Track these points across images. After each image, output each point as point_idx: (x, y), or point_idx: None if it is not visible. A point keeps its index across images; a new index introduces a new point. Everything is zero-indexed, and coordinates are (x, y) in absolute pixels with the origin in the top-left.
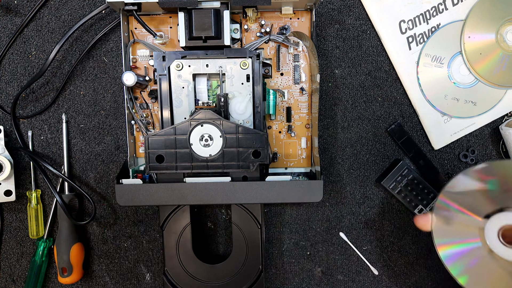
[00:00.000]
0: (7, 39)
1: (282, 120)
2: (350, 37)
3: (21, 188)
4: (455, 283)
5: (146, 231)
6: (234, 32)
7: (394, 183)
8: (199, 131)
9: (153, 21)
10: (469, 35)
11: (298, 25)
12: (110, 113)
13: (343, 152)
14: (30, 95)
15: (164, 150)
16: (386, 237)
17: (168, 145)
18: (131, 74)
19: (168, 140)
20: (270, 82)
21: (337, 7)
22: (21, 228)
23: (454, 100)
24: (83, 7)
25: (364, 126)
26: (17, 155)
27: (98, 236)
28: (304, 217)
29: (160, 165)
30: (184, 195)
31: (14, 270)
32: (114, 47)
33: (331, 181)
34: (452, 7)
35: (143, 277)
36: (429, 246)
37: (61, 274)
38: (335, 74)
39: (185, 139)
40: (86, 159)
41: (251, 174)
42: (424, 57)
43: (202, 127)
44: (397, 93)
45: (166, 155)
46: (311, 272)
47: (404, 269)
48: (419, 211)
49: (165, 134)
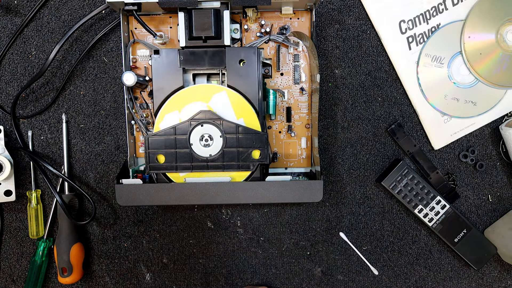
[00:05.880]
0: (7, 39)
1: (282, 120)
2: (350, 37)
3: (21, 188)
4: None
5: (146, 231)
6: (234, 32)
7: (394, 183)
8: (199, 131)
9: (153, 21)
10: (469, 35)
11: (298, 25)
12: (110, 113)
13: (343, 152)
14: (30, 95)
15: (164, 150)
16: (386, 237)
17: (168, 145)
18: (131, 74)
19: (168, 140)
20: (270, 82)
21: (337, 7)
22: (21, 228)
23: (454, 100)
24: (83, 7)
25: (364, 126)
26: (17, 155)
27: (98, 236)
28: (304, 217)
29: (160, 165)
30: (184, 195)
31: (14, 270)
32: (114, 47)
33: (331, 181)
34: (452, 7)
35: (143, 277)
36: (429, 246)
37: (61, 274)
38: (335, 74)
39: (185, 139)
40: (86, 159)
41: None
42: (424, 57)
43: (202, 127)
44: (397, 93)
45: (166, 155)
46: (311, 272)
47: (404, 269)
48: (419, 211)
49: (165, 134)
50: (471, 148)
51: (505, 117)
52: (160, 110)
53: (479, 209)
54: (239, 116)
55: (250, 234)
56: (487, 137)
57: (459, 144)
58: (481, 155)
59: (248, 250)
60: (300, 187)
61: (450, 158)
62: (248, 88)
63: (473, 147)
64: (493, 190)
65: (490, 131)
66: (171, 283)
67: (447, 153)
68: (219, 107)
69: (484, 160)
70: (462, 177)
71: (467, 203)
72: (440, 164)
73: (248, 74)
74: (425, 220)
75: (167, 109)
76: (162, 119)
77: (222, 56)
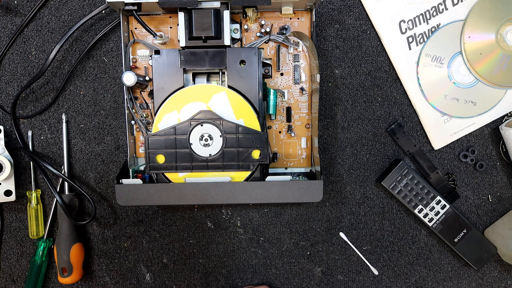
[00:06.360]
0: (7, 39)
1: (282, 120)
2: (350, 37)
3: (21, 188)
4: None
5: (146, 231)
6: (234, 32)
7: (394, 183)
8: (199, 131)
9: (153, 21)
10: (469, 35)
11: (298, 25)
12: (110, 113)
13: (343, 152)
14: (30, 95)
15: (164, 150)
16: (386, 237)
17: (168, 145)
18: (131, 74)
19: (168, 140)
20: (270, 82)
21: (337, 7)
22: (21, 228)
23: (454, 100)
24: (83, 7)
25: (364, 126)
26: (17, 155)
27: (98, 236)
28: (304, 217)
29: (160, 165)
30: (184, 195)
31: (14, 270)
32: (114, 47)
33: (331, 181)
34: (452, 7)
35: (143, 277)
36: (429, 246)
37: (61, 274)
38: (335, 74)
39: (185, 139)
40: (86, 159)
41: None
42: (424, 57)
43: (202, 127)
44: (397, 93)
45: (166, 155)
46: (311, 272)
47: (404, 269)
48: (419, 211)
49: (165, 134)
50: (471, 148)
51: (505, 117)
52: (159, 110)
53: (479, 209)
54: (239, 116)
55: (250, 234)
56: (487, 137)
57: (459, 144)
58: (481, 155)
59: (248, 250)
60: (300, 187)
61: (450, 158)
62: (248, 88)
63: (473, 147)
64: (493, 190)
65: (490, 131)
66: (171, 283)
67: (447, 153)
68: (219, 107)
69: (484, 160)
70: (462, 177)
71: (467, 203)
72: (440, 164)
73: (248, 74)
74: (425, 220)
75: (167, 109)
76: (161, 119)
77: (223, 56)
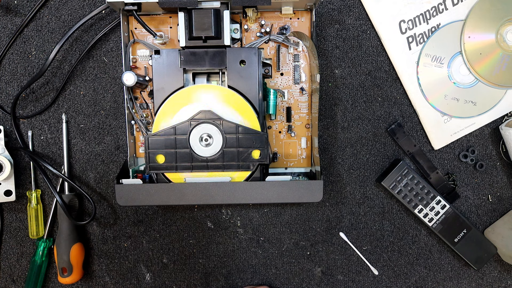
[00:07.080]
0: (7, 39)
1: (282, 120)
2: (350, 37)
3: (21, 188)
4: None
5: (146, 231)
6: (234, 32)
7: (394, 183)
8: (199, 131)
9: (153, 21)
10: (469, 35)
11: (298, 25)
12: (110, 113)
13: (343, 152)
14: (30, 95)
15: (164, 150)
16: (386, 237)
17: (168, 145)
18: (131, 74)
19: (168, 140)
20: (270, 82)
21: (337, 7)
22: (21, 228)
23: (454, 100)
24: (83, 7)
25: (364, 126)
26: (17, 155)
27: (98, 236)
28: (304, 217)
29: (160, 165)
30: (184, 195)
31: (14, 270)
32: (114, 47)
33: (331, 181)
34: (452, 7)
35: (143, 277)
36: (429, 246)
37: (61, 274)
38: (335, 74)
39: (185, 139)
40: (86, 159)
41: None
42: (424, 57)
43: (202, 127)
44: (397, 93)
45: (166, 155)
46: (311, 272)
47: (404, 269)
48: (419, 211)
49: (165, 134)
50: (471, 148)
51: (505, 117)
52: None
53: (479, 209)
54: (239, 117)
55: (250, 234)
56: (487, 137)
57: (459, 144)
58: (481, 155)
59: (248, 250)
60: (300, 187)
61: (450, 158)
62: (248, 88)
63: (473, 147)
64: (493, 190)
65: (490, 131)
66: (171, 283)
67: (447, 153)
68: (219, 107)
69: (484, 160)
70: (462, 177)
71: (467, 203)
72: (440, 164)
73: (248, 74)
74: (425, 220)
75: (166, 109)
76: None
77: (223, 56)
